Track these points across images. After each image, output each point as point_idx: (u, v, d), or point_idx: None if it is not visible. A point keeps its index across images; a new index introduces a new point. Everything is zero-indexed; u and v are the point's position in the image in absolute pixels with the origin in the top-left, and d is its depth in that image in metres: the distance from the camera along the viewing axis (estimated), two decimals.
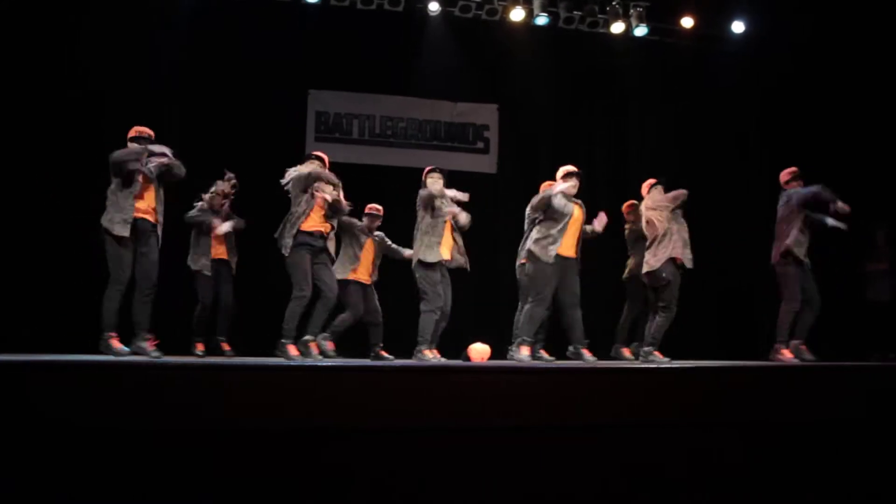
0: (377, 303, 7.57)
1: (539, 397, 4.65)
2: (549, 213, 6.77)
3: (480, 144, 10.36)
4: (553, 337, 7.61)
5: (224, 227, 7.58)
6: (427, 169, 7.23)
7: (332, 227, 6.60)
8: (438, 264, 6.87)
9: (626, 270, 8.01)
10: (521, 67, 10.27)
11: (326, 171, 6.64)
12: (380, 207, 7.92)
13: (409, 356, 7.00)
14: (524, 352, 6.76)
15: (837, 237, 7.48)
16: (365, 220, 7.75)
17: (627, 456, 4.67)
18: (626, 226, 8.18)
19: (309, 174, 6.42)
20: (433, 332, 6.87)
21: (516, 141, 10.37)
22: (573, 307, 6.86)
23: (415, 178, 9.54)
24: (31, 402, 3.92)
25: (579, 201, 7.08)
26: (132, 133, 6.28)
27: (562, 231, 6.76)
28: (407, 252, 7.47)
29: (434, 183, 7.03)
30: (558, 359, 7.25)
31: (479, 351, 7.15)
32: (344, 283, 7.19)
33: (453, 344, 8.05)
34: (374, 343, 7.54)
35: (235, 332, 7.92)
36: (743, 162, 10.59)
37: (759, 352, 9.18)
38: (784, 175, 7.59)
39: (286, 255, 6.30)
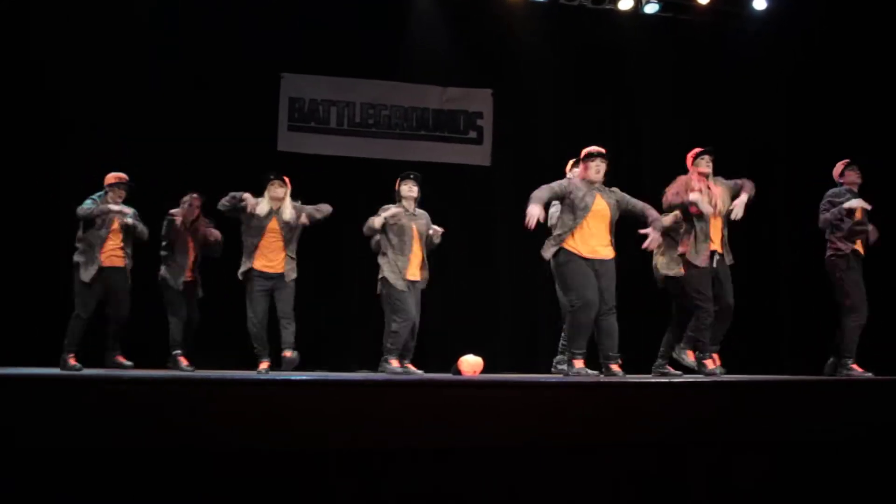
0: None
1: (543, 414, 4.63)
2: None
3: (473, 134, 10.26)
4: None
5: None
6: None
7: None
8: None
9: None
10: (518, 48, 10.14)
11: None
12: None
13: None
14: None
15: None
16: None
17: (646, 477, 4.65)
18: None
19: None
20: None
21: (513, 130, 10.25)
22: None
23: (399, 172, 9.48)
24: None
25: (611, 190, 6.77)
26: (112, 180, 7.41)
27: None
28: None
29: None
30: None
31: (471, 364, 7.08)
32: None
33: (442, 355, 7.98)
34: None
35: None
36: (766, 151, 10.53)
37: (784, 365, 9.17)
38: (837, 168, 7.46)
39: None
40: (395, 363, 7.09)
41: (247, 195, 7.07)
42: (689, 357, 6.84)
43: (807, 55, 10.23)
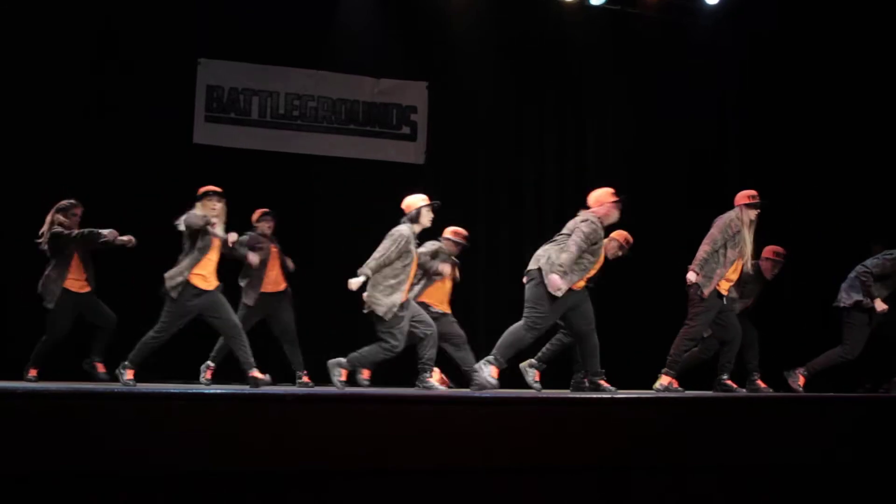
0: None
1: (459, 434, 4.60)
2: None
3: (406, 130, 10.21)
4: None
5: None
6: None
7: None
8: None
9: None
10: (456, 39, 10.11)
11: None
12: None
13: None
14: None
15: (824, 253, 7.61)
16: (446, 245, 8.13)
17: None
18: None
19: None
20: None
21: (449, 126, 10.22)
22: None
23: (326, 169, 9.42)
24: None
25: None
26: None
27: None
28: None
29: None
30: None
31: None
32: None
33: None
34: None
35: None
36: (716, 150, 10.68)
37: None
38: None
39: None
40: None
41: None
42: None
43: (760, 50, 10.42)
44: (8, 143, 8.47)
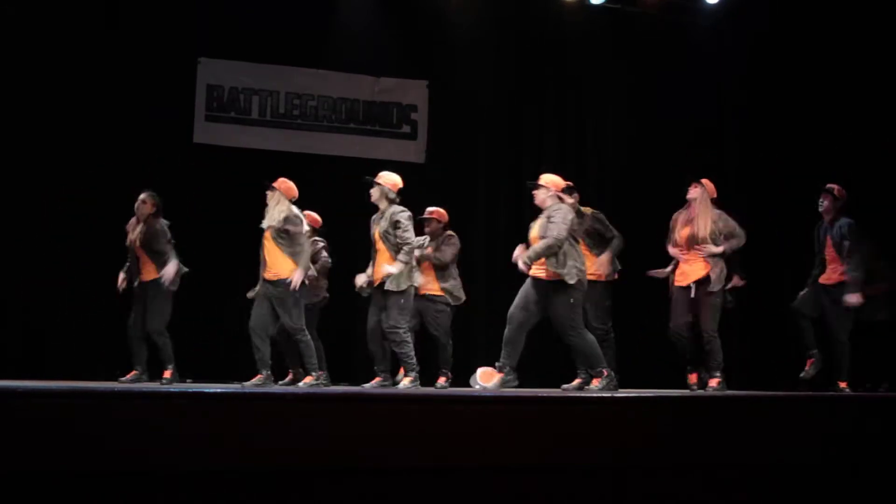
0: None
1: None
2: None
3: (407, 128, 10.22)
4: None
5: None
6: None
7: None
8: None
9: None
10: (456, 37, 10.15)
11: None
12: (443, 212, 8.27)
13: None
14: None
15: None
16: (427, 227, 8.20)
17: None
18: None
19: None
20: None
21: (449, 125, 10.25)
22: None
23: (326, 168, 9.40)
24: None
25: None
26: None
27: None
28: None
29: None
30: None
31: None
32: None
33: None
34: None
35: None
36: (720, 153, 10.68)
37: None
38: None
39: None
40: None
41: None
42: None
43: (760, 50, 10.42)
44: (8, 143, 8.48)
